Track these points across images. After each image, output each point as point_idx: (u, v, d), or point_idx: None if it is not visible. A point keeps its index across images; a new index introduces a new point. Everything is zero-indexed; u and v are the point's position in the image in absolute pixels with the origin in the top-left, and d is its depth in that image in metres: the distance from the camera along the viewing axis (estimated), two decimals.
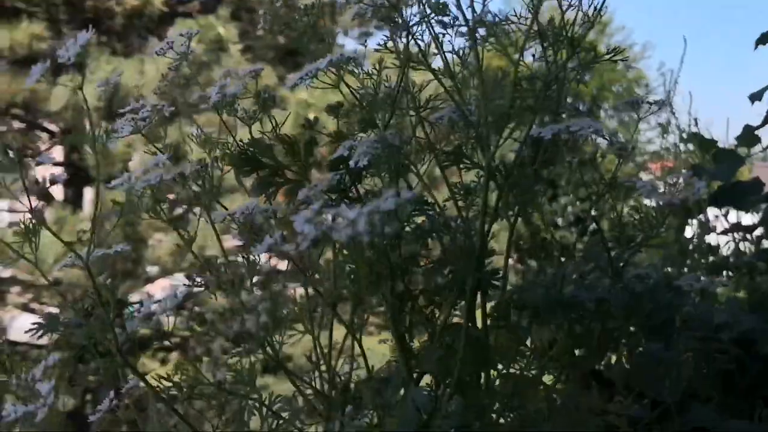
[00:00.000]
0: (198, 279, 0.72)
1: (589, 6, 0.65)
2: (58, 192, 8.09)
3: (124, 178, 0.68)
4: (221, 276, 0.70)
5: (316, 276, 0.59)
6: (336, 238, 0.40)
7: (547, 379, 0.66)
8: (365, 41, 0.70)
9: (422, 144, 0.66)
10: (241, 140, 0.68)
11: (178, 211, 0.79)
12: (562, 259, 0.70)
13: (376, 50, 0.65)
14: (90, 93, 0.69)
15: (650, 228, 0.63)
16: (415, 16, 0.63)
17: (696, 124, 3.42)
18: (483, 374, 0.64)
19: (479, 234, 0.62)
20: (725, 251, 2.62)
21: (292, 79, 0.65)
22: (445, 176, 0.68)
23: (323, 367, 0.60)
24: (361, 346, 0.64)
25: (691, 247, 2.80)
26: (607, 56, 0.64)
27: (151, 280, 7.61)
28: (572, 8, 0.65)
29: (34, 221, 0.72)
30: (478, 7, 0.62)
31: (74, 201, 7.88)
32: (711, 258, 2.69)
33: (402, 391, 0.60)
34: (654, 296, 1.74)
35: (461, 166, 0.65)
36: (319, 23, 0.69)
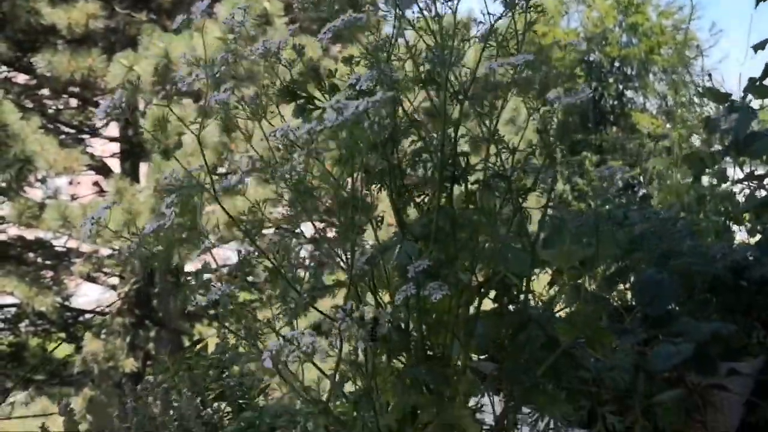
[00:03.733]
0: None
1: None
2: (115, 166, 8.47)
3: (215, 98, 0.93)
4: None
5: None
6: (346, 116, 0.70)
7: None
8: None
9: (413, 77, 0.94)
10: (283, 78, 0.96)
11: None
12: None
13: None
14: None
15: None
16: None
17: (710, 79, 3.59)
18: (453, 234, 0.92)
19: (449, 139, 0.90)
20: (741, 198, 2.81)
21: (320, 36, 0.93)
22: (431, 98, 0.96)
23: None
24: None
25: (707, 194, 3.00)
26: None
27: (206, 249, 7.93)
28: None
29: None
30: None
31: (131, 174, 8.22)
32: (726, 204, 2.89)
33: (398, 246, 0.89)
34: (658, 233, 2.00)
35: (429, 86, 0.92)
36: None
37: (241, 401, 1.33)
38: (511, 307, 0.99)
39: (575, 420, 0.87)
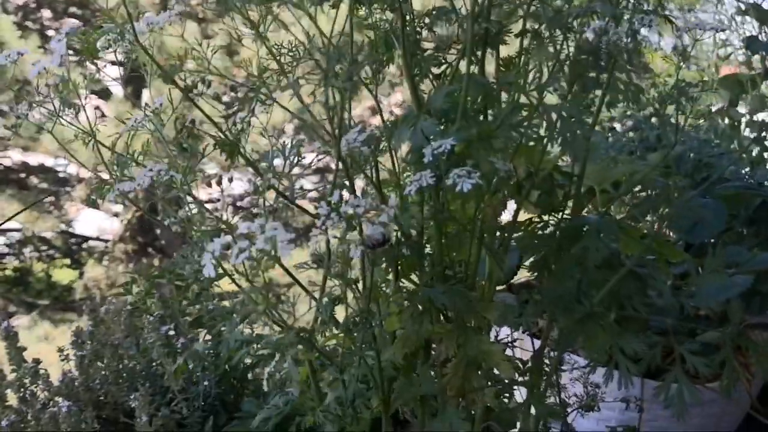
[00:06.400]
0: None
1: None
2: (118, 91, 8.25)
3: None
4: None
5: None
6: None
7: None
8: None
9: None
10: None
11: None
12: None
13: None
14: None
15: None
16: None
17: None
18: (485, 112, 0.70)
19: None
20: None
21: None
22: None
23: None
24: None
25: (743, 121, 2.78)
26: None
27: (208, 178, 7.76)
28: None
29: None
30: None
31: (134, 99, 8.01)
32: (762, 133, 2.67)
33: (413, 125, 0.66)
34: (695, 155, 1.76)
35: None
36: None
37: (223, 329, 1.12)
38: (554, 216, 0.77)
39: (644, 362, 0.66)
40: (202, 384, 0.96)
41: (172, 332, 1.01)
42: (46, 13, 8.11)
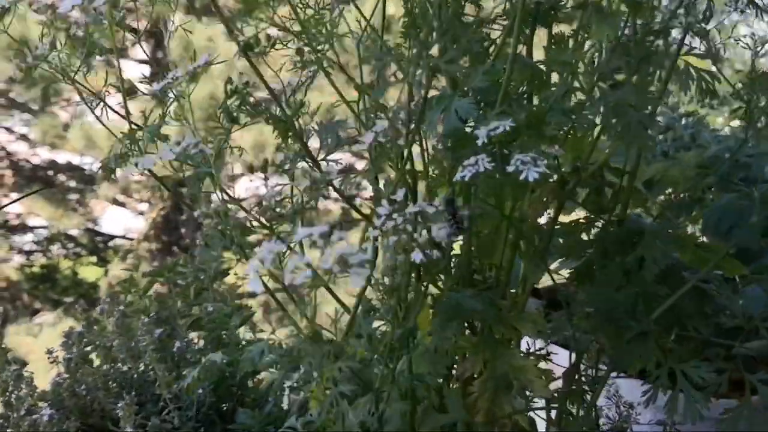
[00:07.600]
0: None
1: None
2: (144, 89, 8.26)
3: None
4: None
5: None
6: None
7: None
8: None
9: None
10: None
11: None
12: None
13: None
14: None
15: None
16: None
17: None
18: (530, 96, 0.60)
19: None
20: None
21: None
22: None
23: None
24: None
25: None
26: None
27: (234, 178, 7.74)
28: None
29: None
30: None
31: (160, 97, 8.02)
32: None
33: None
34: (730, 158, 1.66)
35: None
36: None
37: (224, 333, 1.03)
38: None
39: (710, 390, 0.55)
40: (197, 391, 0.87)
41: (168, 336, 0.92)
42: (75, 14, 8.15)
